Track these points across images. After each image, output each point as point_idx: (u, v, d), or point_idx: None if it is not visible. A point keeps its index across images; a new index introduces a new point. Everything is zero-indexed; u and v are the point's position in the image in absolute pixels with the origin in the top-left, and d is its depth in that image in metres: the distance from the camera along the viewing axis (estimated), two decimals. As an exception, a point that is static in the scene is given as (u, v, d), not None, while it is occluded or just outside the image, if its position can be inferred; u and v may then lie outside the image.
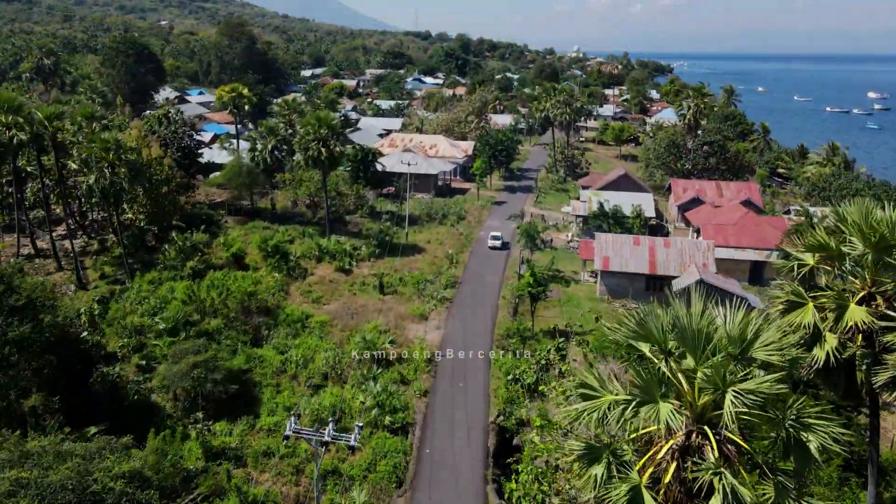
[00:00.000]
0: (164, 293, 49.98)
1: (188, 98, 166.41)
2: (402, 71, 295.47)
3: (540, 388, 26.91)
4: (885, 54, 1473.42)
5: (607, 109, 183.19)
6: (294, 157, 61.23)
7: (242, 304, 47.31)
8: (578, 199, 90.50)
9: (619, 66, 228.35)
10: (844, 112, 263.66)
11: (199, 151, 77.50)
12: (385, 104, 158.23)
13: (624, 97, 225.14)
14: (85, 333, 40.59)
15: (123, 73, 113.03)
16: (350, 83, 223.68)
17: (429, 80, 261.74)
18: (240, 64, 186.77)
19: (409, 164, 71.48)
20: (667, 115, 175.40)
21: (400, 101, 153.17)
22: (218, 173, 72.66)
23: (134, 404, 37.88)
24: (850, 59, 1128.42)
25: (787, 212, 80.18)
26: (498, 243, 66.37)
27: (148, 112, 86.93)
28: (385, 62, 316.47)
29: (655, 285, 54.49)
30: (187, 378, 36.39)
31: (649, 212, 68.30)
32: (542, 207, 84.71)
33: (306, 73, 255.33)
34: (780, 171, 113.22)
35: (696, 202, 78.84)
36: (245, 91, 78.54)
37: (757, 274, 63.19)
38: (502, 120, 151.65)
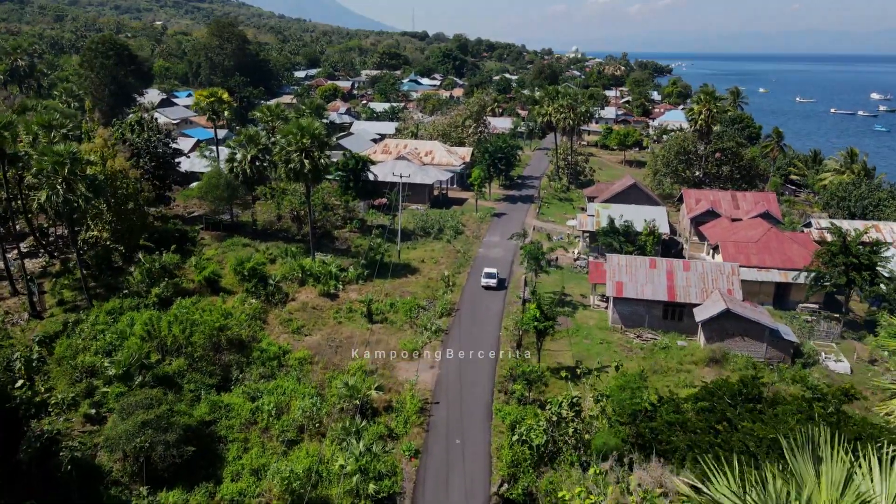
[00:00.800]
0: (124, 326, 44.30)
1: (175, 100, 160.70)
2: (398, 72, 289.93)
3: (561, 496, 21.37)
4: (882, 54, 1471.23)
5: (609, 112, 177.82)
6: (277, 169, 55.52)
7: (211, 339, 41.67)
8: (584, 209, 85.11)
9: (622, 68, 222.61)
10: (850, 114, 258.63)
11: (177, 161, 71.87)
12: (380, 107, 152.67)
13: (625, 99, 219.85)
14: (20, 384, 34.91)
15: (103, 75, 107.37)
16: (344, 85, 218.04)
17: (425, 81, 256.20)
18: (230, 65, 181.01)
19: (401, 176, 65.84)
20: (671, 118, 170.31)
21: (395, 104, 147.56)
22: (196, 184, 66.98)
23: (76, 465, 32.20)
24: (848, 60, 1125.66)
25: (808, 224, 74.80)
26: (493, 282, 55.98)
27: (120, 118, 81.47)
28: (381, 63, 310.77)
29: (675, 313, 48.99)
30: (135, 439, 30.77)
31: (663, 227, 62.84)
32: (545, 220, 79.20)
33: (300, 74, 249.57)
34: (793, 177, 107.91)
35: (710, 215, 73.38)
36: (225, 96, 72.78)
37: (782, 297, 57.78)
38: (501, 123, 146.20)
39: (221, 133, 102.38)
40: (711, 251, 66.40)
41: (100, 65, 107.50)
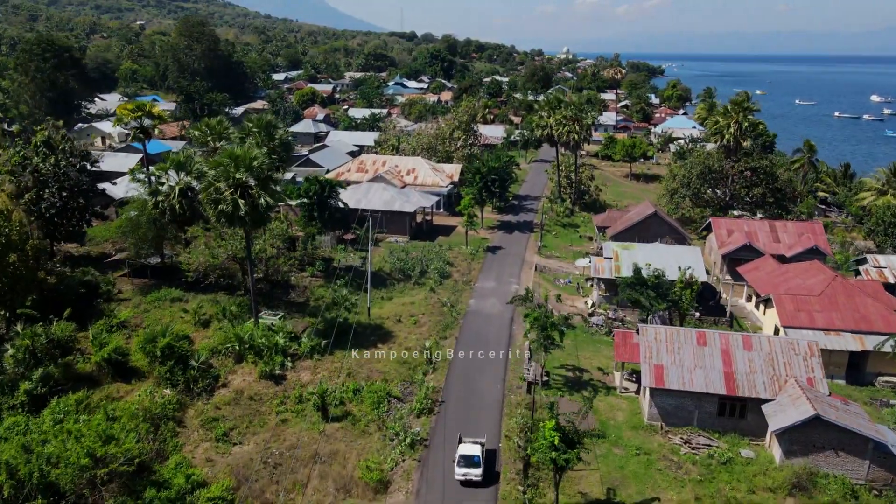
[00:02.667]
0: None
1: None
2: (383, 74, 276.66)
3: None
4: (871, 55, 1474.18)
5: (608, 117, 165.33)
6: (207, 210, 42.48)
7: (83, 475, 28.59)
8: (592, 239, 72.59)
9: (623, 71, 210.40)
10: (854, 118, 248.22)
11: (99, 187, 58.65)
12: (360, 113, 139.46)
13: (623, 103, 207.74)
14: None
15: (39, 80, 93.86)
16: (325, 88, 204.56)
17: (412, 84, 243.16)
18: (200, 67, 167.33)
19: (370, 216, 52.68)
20: (676, 125, 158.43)
21: (376, 111, 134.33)
22: (117, 220, 53.69)
23: None
24: (837, 60, 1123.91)
25: (861, 261, 62.67)
26: (475, 474, 31.63)
27: (66, 129, 67.93)
28: (366, 64, 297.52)
29: (734, 409, 36.40)
30: None
31: (700, 273, 50.32)
32: (548, 255, 66.49)
33: (279, 76, 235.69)
34: (821, 194, 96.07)
35: (747, 251, 61.01)
36: (156, 109, 59.50)
37: (856, 367, 45.48)
38: (493, 132, 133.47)
39: (180, 146, 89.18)
40: (756, 301, 53.96)
41: (35, 68, 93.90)
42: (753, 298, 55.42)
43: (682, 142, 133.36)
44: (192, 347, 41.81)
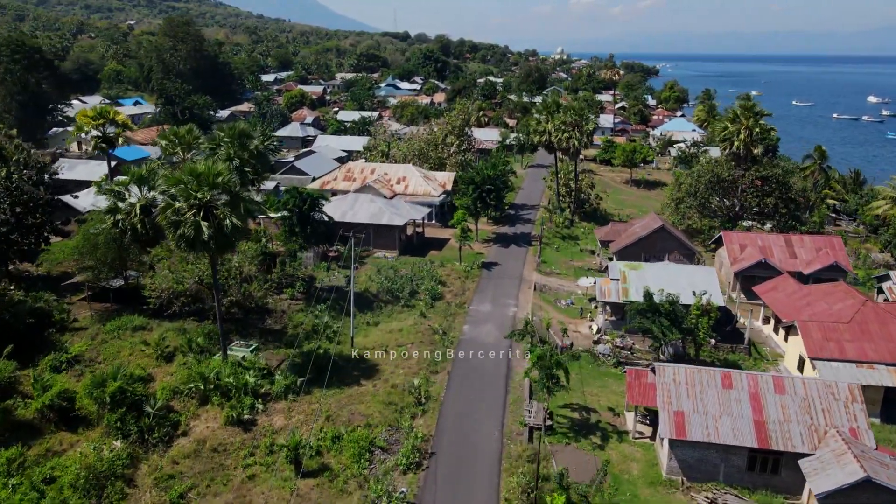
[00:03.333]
0: None
1: (118, 109, 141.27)
2: (376, 75, 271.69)
3: None
4: (865, 55, 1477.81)
5: (605, 120, 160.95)
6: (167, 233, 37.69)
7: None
8: (594, 252, 68.12)
9: (620, 72, 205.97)
10: (853, 119, 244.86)
11: (56, 200, 53.73)
12: (350, 117, 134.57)
13: (620, 104, 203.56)
14: None
15: (10, 82, 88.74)
16: (315, 90, 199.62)
17: (405, 85, 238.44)
18: (185, 68, 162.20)
19: (352, 234, 47.79)
20: (675, 128, 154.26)
21: (366, 114, 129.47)
22: (75, 239, 48.77)
23: None
24: (832, 60, 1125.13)
25: (883, 278, 58.44)
26: None
27: (40, 135, 63.39)
28: (358, 65, 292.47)
29: (767, 465, 31.87)
30: None
31: (716, 297, 45.80)
32: (547, 272, 61.87)
33: (269, 77, 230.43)
34: (830, 201, 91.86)
35: (762, 268, 56.61)
36: (120, 116, 54.55)
37: (892, 404, 41.06)
38: (487, 135, 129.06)
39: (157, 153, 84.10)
40: (774, 323, 49.58)
41: (4, 70, 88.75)
42: (772, 321, 51.03)
43: (682, 146, 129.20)
44: (149, 389, 37.05)
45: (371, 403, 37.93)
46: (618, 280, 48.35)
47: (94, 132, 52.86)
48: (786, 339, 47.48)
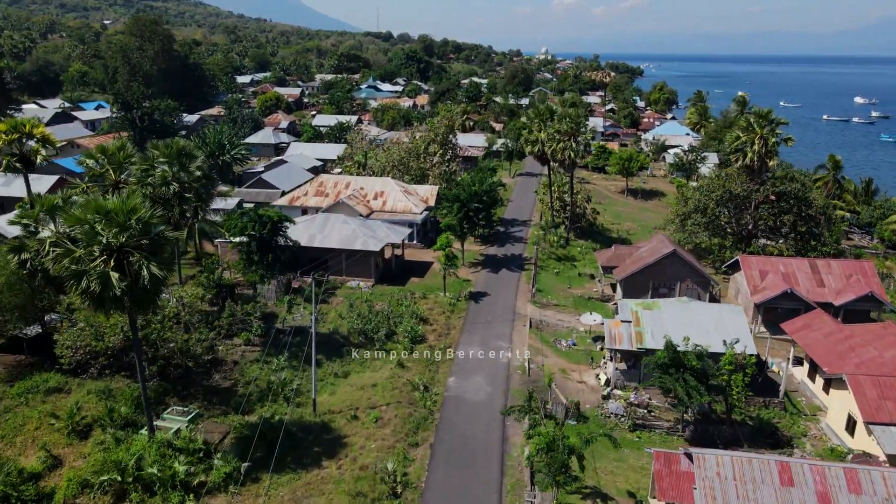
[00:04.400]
0: None
1: (76, 114, 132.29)
2: (356, 76, 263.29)
3: None
4: (846, 55, 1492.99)
5: (595, 123, 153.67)
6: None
7: None
8: (594, 278, 61.00)
9: (611, 74, 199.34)
10: (844, 121, 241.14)
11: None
12: (328, 121, 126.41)
13: (608, 107, 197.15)
14: None
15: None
16: (292, 92, 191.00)
17: (386, 86, 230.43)
18: (153, 69, 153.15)
19: (316, 278, 39.64)
20: (668, 131, 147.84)
21: (344, 119, 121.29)
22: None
23: None
24: (813, 61, 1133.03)
25: (919, 306, 51.86)
26: None
27: None
28: (339, 66, 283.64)
29: (840, 588, 24.74)
30: None
31: (747, 344, 38.67)
32: (544, 303, 54.52)
33: (244, 79, 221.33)
34: (839, 212, 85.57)
35: (788, 299, 49.85)
36: (39, 129, 46.15)
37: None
38: (472, 141, 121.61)
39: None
40: (810, 369, 42.66)
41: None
42: (805, 364, 44.14)
43: (678, 151, 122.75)
44: (49, 483, 29.15)
45: (334, 495, 30.28)
46: (629, 322, 41.12)
47: (6, 149, 44.46)
48: (826, 390, 40.62)
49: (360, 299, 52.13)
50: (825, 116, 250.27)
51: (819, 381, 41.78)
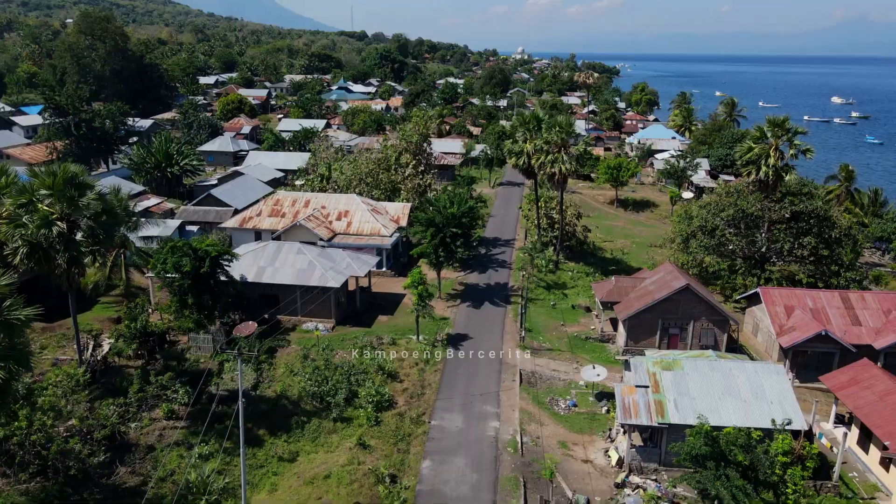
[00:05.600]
0: None
1: (16, 119, 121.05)
2: (328, 76, 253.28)
3: None
4: (812, 56, 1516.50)
5: (577, 126, 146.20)
6: None
7: None
8: (590, 310, 53.17)
9: (595, 75, 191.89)
10: (825, 122, 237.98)
11: None
12: (293, 126, 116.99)
13: (589, 108, 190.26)
14: None
15: None
16: (259, 94, 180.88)
17: (358, 88, 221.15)
18: (105, 70, 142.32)
19: (237, 355, 30.68)
20: (654, 135, 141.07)
21: (310, 124, 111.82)
22: None
23: None
24: (783, 61, 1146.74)
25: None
26: None
27: None
28: (310, 66, 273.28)
29: None
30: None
31: (795, 417, 30.91)
32: (535, 347, 46.38)
33: (209, 80, 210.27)
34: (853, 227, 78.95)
35: (822, 341, 42.46)
36: None
37: None
38: (448, 146, 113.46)
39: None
40: (860, 435, 35.11)
41: None
42: (854, 430, 36.59)
43: (668, 157, 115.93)
44: None
45: None
46: (647, 387, 33.12)
47: None
48: (886, 466, 33.10)
49: (316, 347, 43.56)
50: (806, 117, 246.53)
51: (874, 452, 34.29)
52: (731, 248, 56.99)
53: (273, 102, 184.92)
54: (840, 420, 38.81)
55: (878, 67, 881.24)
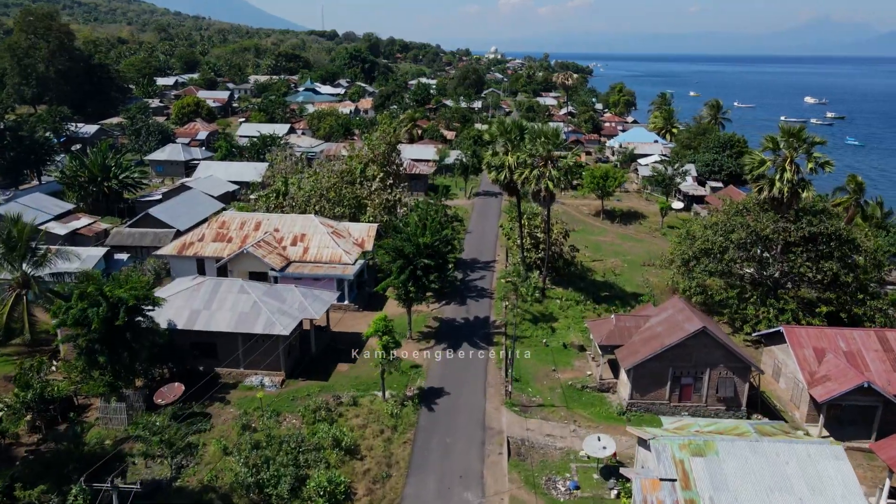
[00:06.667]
0: None
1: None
2: (295, 77, 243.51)
3: None
4: (783, 55, 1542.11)
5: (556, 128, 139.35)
6: None
7: None
8: (585, 350, 46.16)
9: (574, 76, 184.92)
10: (802, 122, 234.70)
11: None
12: (252, 132, 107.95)
13: (567, 110, 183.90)
14: None
15: None
16: (219, 96, 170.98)
17: (326, 89, 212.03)
18: (49, 71, 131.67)
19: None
20: (633, 137, 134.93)
21: (267, 132, 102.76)
22: None
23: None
24: (752, 60, 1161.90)
25: None
26: None
27: None
28: (277, 66, 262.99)
29: None
30: None
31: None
32: (524, 403, 38.99)
33: (167, 81, 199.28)
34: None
35: (864, 394, 35.83)
36: None
37: None
38: (421, 153, 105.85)
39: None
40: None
41: None
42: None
43: (655, 164, 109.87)
44: None
45: None
46: (674, 481, 25.90)
47: None
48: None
49: (259, 411, 35.66)
50: (783, 118, 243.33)
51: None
52: (740, 273, 50.39)
53: (235, 105, 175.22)
54: (893, 492, 32.22)
55: (843, 67, 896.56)
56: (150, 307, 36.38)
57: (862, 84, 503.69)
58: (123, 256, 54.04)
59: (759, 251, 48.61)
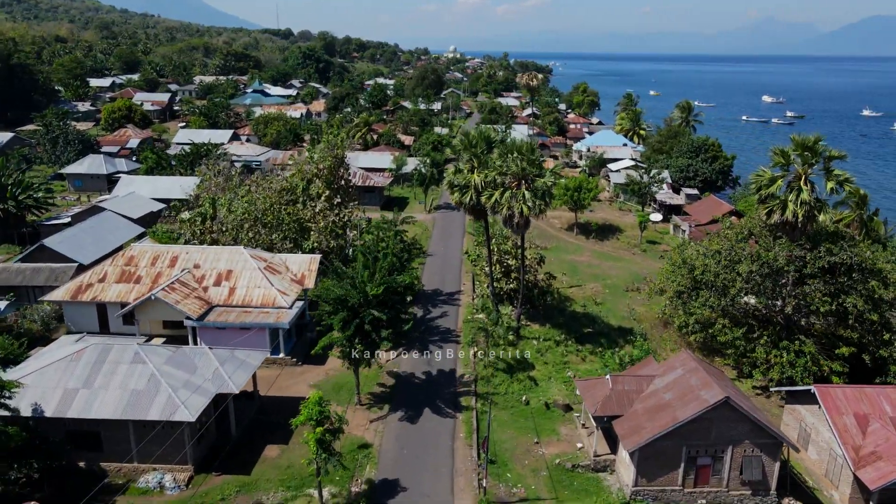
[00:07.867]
0: None
1: None
2: (245, 77, 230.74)
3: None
4: (733, 55, 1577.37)
5: (519, 132, 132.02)
6: None
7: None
8: (570, 409, 38.17)
9: (540, 77, 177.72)
10: (763, 122, 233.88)
11: None
12: (192, 139, 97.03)
13: (530, 111, 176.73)
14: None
15: None
16: (159, 98, 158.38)
17: (276, 90, 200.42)
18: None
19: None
20: (601, 141, 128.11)
21: (201, 141, 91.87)
22: None
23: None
24: (708, 60, 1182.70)
25: None
26: None
27: None
28: (226, 66, 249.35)
29: None
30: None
31: None
32: (503, 492, 30.66)
33: (103, 81, 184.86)
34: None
35: (925, 480, 28.55)
36: None
37: None
38: (376, 161, 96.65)
39: None
40: None
41: None
42: None
43: (623, 167, 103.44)
44: None
45: None
46: None
47: None
48: None
49: (153, 532, 26.42)
50: (744, 118, 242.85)
51: None
52: (745, 307, 43.19)
53: (177, 108, 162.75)
54: None
55: (793, 66, 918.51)
56: (7, 395, 26.87)
57: (814, 83, 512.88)
58: (2, 304, 43.59)
59: (770, 284, 41.34)
